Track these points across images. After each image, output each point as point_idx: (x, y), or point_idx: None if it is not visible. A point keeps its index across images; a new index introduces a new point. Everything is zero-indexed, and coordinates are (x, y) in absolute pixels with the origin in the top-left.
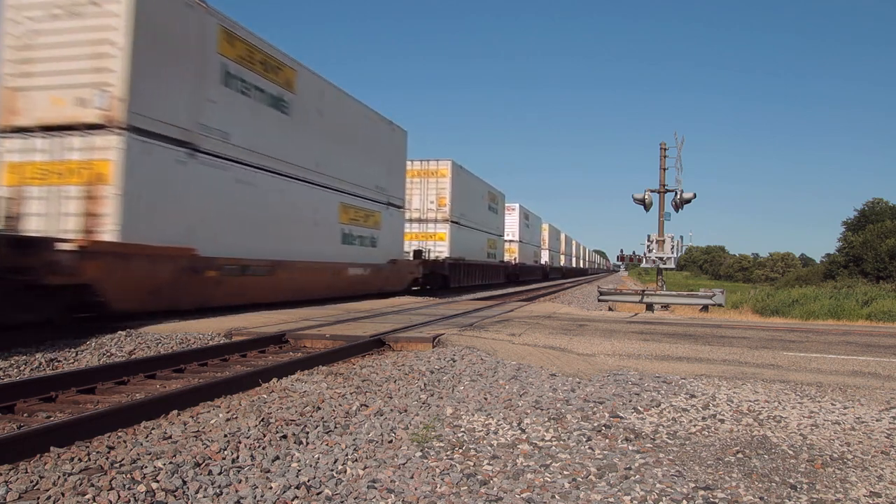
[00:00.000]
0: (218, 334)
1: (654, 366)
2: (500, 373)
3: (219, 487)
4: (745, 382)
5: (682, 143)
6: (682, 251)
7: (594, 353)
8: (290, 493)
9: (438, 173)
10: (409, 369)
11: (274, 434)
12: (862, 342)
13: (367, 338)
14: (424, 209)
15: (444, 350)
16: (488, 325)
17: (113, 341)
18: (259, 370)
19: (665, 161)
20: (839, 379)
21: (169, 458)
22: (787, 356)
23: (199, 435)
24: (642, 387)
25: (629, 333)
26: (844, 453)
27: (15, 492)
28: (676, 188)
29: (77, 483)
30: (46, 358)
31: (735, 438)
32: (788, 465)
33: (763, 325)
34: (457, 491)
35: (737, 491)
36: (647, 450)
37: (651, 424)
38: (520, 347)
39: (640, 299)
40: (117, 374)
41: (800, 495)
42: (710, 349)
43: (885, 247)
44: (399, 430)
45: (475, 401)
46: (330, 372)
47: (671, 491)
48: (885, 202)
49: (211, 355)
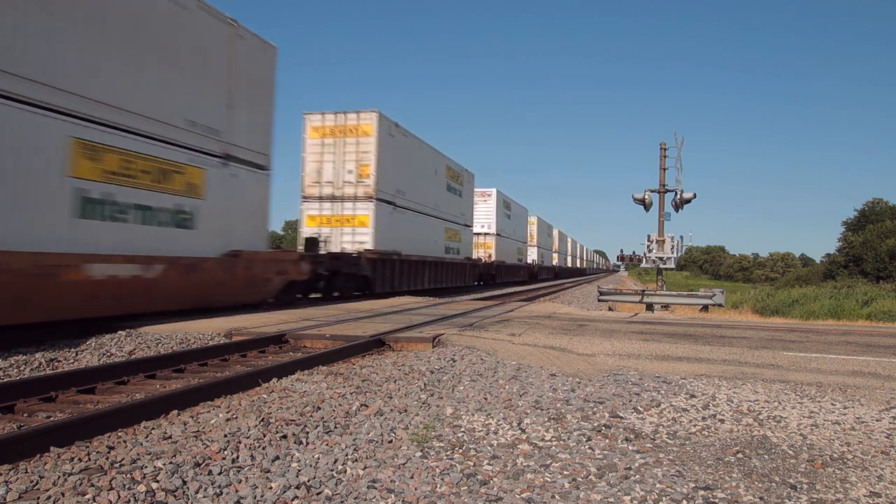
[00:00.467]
0: (218, 334)
1: (654, 366)
2: (500, 373)
3: (219, 487)
4: (745, 382)
5: (682, 143)
6: (682, 251)
7: (594, 353)
8: (290, 493)
9: (359, 131)
10: (409, 369)
11: (274, 434)
12: (862, 342)
13: (367, 338)
14: (339, 181)
15: (444, 350)
16: (488, 325)
17: (113, 341)
18: (259, 370)
19: (665, 161)
20: (839, 379)
21: (169, 458)
22: (787, 356)
23: (199, 435)
24: (642, 387)
25: (629, 333)
26: (844, 453)
27: (15, 492)
28: (676, 188)
29: (77, 483)
30: (46, 358)
31: (735, 438)
32: (788, 465)
33: (763, 325)
34: (457, 491)
35: (737, 491)
36: (647, 450)
37: (651, 424)
38: (520, 347)
39: (640, 299)
40: (117, 374)
41: (800, 495)
42: (710, 349)
43: (885, 247)
44: (399, 430)
45: (475, 401)
46: (330, 372)
47: (671, 491)
48: (885, 202)
49: (211, 355)
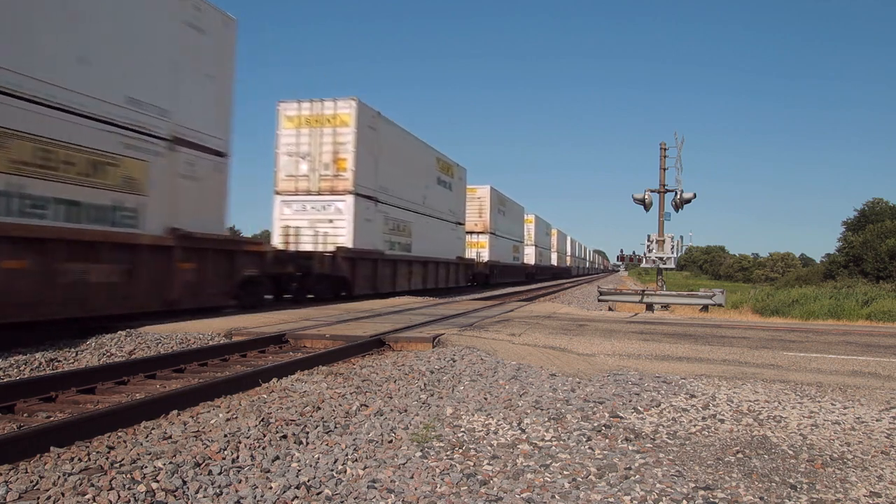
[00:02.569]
0: (218, 334)
1: (654, 366)
2: (500, 373)
3: (219, 487)
4: (745, 382)
5: (682, 143)
6: (682, 251)
7: (594, 353)
8: (290, 493)
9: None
10: (409, 369)
11: (274, 434)
12: (862, 342)
13: (367, 338)
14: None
15: (444, 350)
16: (488, 325)
17: (113, 341)
18: (259, 370)
19: (665, 161)
20: (839, 379)
21: (169, 458)
22: (787, 356)
23: (199, 435)
24: (642, 387)
25: (629, 333)
26: (844, 453)
27: (15, 492)
28: (676, 188)
29: (77, 483)
30: (46, 358)
31: (735, 438)
32: (788, 465)
33: (763, 325)
34: (457, 491)
35: (737, 491)
36: (647, 450)
37: (651, 424)
38: (520, 347)
39: (640, 299)
40: (117, 374)
41: (800, 495)
42: (710, 349)
43: (885, 247)
44: (399, 430)
45: (475, 401)
46: (330, 372)
47: (671, 491)
48: (885, 202)
49: (211, 355)
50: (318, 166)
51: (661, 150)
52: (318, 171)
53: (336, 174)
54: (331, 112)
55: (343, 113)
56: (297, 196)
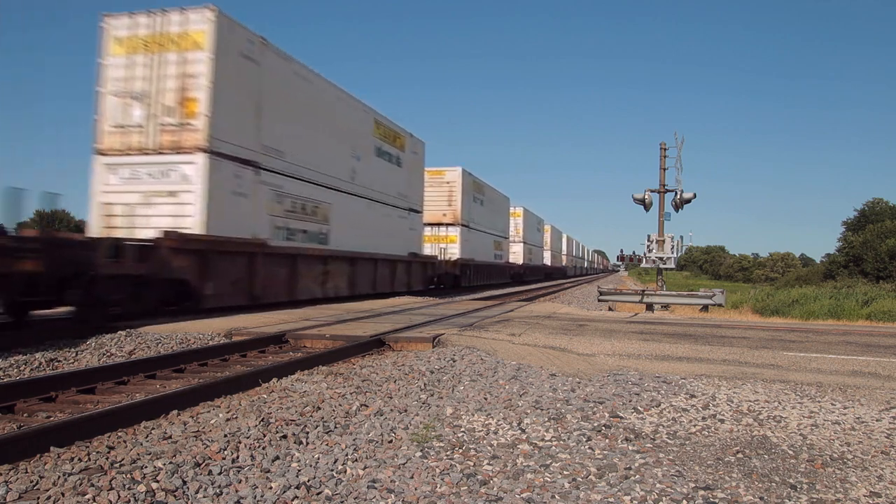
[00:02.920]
0: (218, 334)
1: (654, 366)
2: (500, 373)
3: (219, 487)
4: (745, 382)
5: (682, 143)
6: (682, 251)
7: (594, 353)
8: (290, 493)
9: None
10: (409, 369)
11: (274, 434)
12: (862, 342)
13: (366, 338)
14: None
15: (444, 350)
16: (488, 325)
17: (113, 341)
18: (259, 370)
19: (665, 161)
20: (839, 379)
21: (169, 458)
22: (787, 356)
23: (199, 435)
24: (642, 387)
25: (629, 333)
26: (844, 453)
27: (15, 492)
28: (676, 188)
29: (77, 483)
30: (46, 358)
31: (735, 438)
32: (788, 465)
33: (763, 325)
34: (457, 491)
35: (737, 491)
36: (647, 450)
37: (651, 424)
38: (520, 347)
39: (640, 299)
40: (117, 374)
41: (800, 495)
42: (710, 349)
43: (885, 247)
44: (399, 430)
45: (475, 401)
46: (330, 372)
47: (671, 491)
48: (885, 202)
49: (211, 355)
50: (158, 111)
51: (661, 150)
52: (157, 117)
53: (182, 122)
54: (178, 29)
55: (195, 30)
56: (129, 157)
